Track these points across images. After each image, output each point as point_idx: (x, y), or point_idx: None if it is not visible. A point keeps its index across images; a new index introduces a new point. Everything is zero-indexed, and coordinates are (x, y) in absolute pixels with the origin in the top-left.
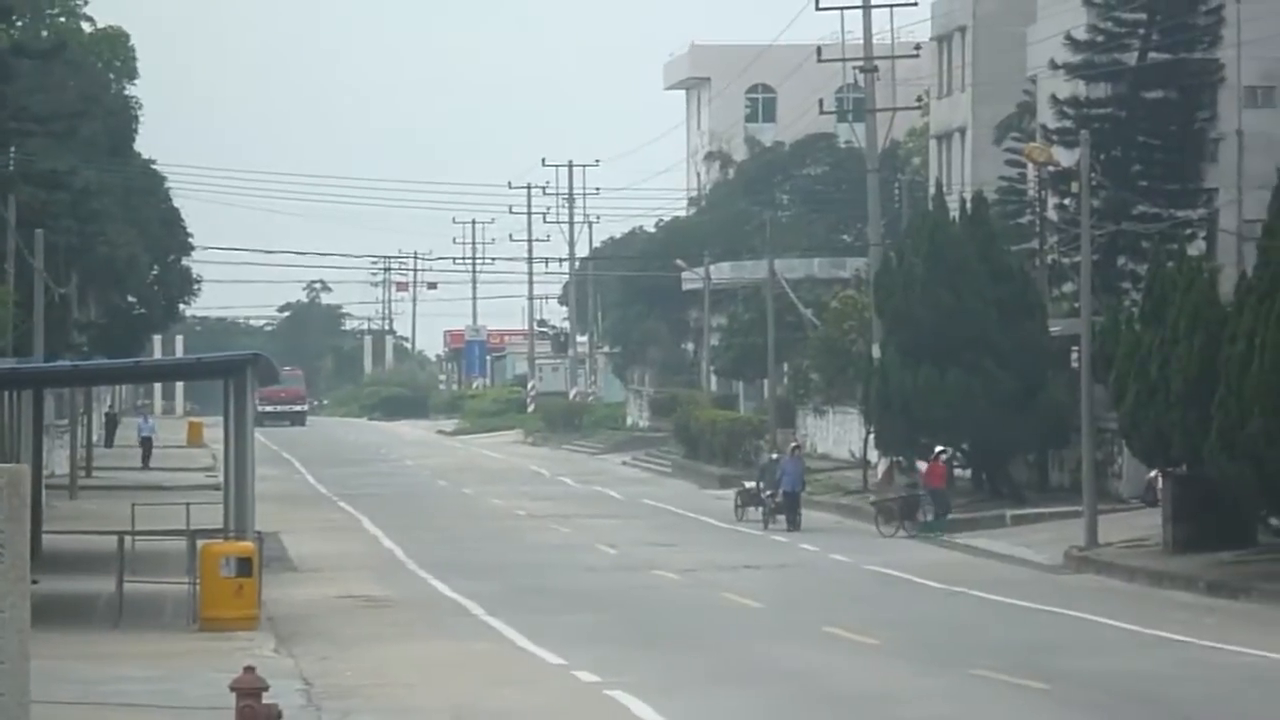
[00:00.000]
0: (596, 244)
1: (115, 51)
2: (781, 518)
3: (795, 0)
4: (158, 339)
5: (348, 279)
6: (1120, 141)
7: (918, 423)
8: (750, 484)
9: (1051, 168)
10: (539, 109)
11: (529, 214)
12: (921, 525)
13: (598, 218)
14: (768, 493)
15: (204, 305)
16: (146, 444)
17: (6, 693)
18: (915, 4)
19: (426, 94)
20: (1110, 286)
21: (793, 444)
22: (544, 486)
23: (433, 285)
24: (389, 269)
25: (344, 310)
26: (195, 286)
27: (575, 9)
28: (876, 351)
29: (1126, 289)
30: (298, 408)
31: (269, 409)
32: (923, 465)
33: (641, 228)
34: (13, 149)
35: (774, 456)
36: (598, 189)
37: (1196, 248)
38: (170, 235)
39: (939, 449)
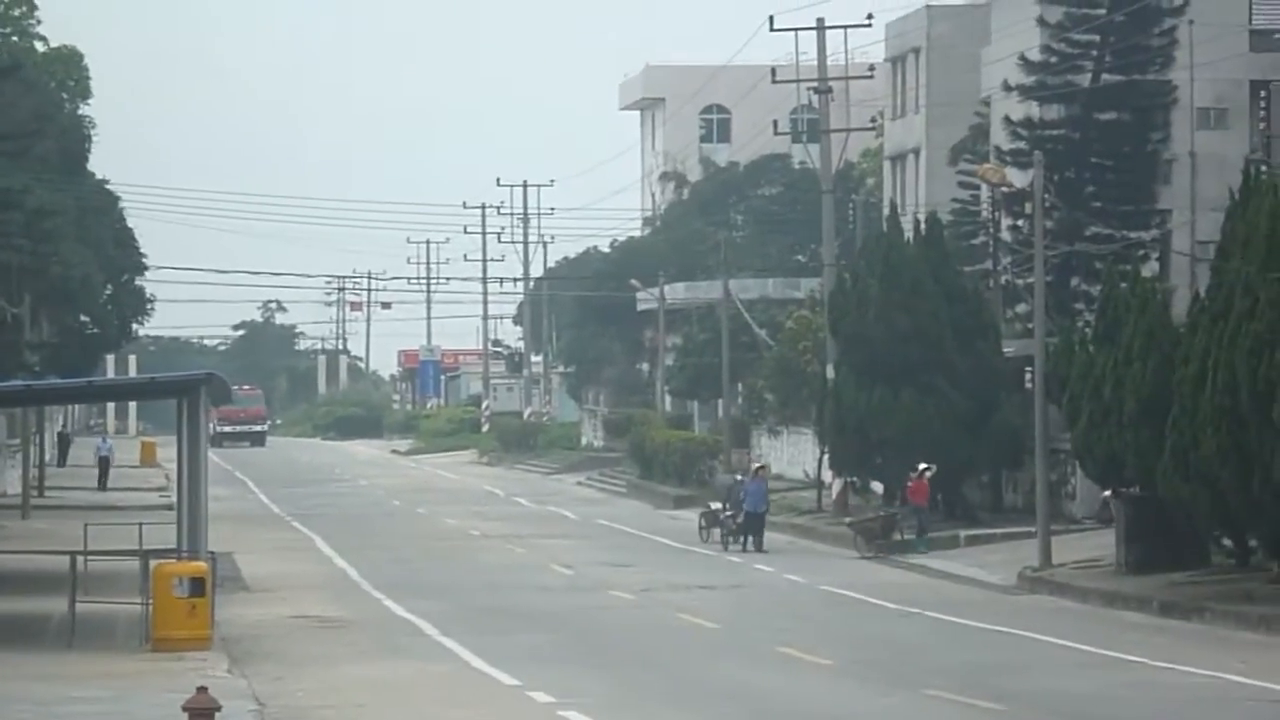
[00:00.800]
0: (551, 264)
1: (69, 71)
2: (744, 539)
3: (750, 21)
4: (111, 359)
5: (302, 299)
6: (1074, 163)
7: (872, 443)
8: (715, 505)
9: (1005, 189)
10: (493, 129)
11: (483, 234)
12: (902, 544)
13: (552, 238)
14: (729, 513)
15: (158, 325)
16: (104, 464)
17: None
18: (870, 25)
19: (381, 114)
20: (1064, 308)
21: (756, 465)
22: (498, 506)
23: (387, 305)
24: (343, 289)
25: (298, 330)
26: (149, 306)
27: (529, 30)
28: (831, 372)
29: (1080, 310)
30: (257, 428)
31: (228, 429)
32: (878, 486)
33: (596, 248)
34: None
35: (738, 477)
36: (552, 209)
37: (1150, 269)
38: (124, 255)
39: (923, 466)
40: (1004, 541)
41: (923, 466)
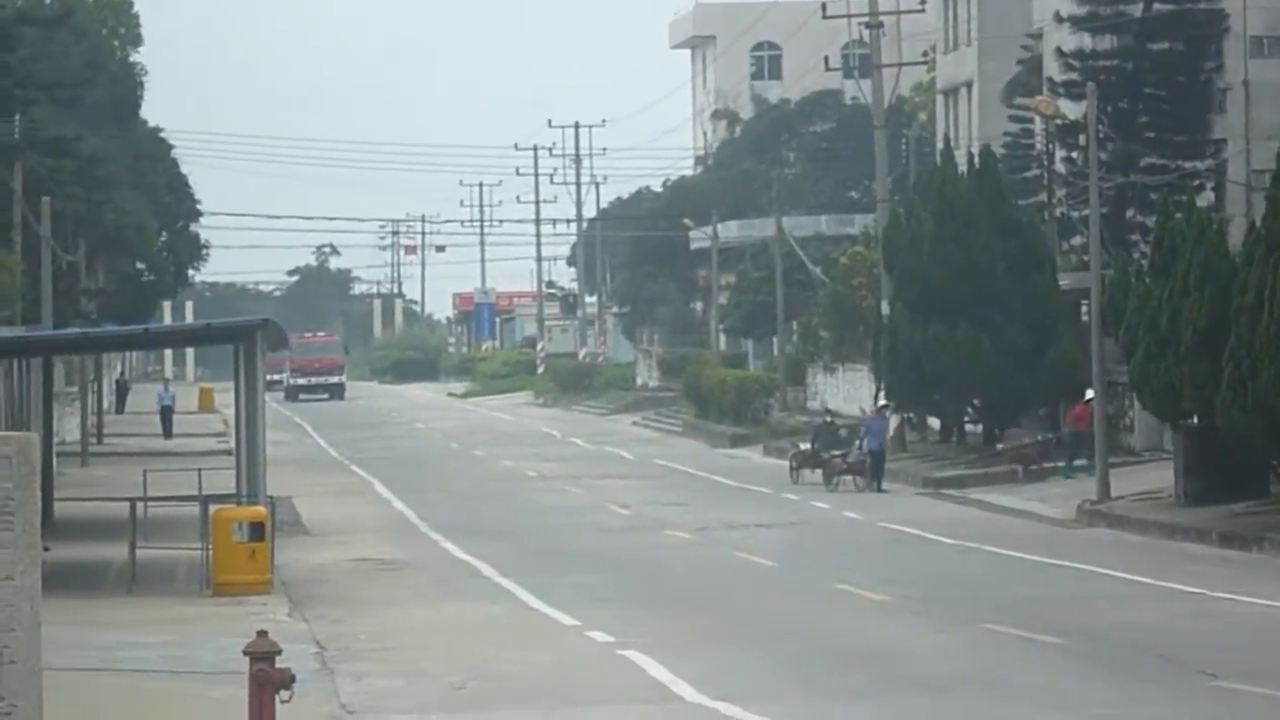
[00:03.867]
0: (604, 204)
1: (119, 18)
2: (849, 478)
3: None
4: (167, 305)
5: (356, 243)
6: (1127, 93)
7: (927, 378)
8: (805, 445)
9: (1058, 121)
10: (544, 70)
11: (536, 175)
12: (1065, 469)
13: (605, 178)
14: (837, 453)
15: (213, 271)
16: (167, 413)
17: (19, 660)
18: None
19: (431, 56)
20: (1119, 239)
21: (880, 403)
22: (555, 448)
23: (441, 248)
24: (397, 232)
25: (353, 274)
26: (204, 252)
27: None
28: (886, 308)
29: (1135, 241)
30: (334, 379)
31: (302, 381)
32: (935, 421)
33: (649, 187)
34: (18, 117)
35: (828, 419)
36: (604, 149)
37: (1205, 199)
38: (178, 201)
39: (1090, 393)
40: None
41: (1090, 394)
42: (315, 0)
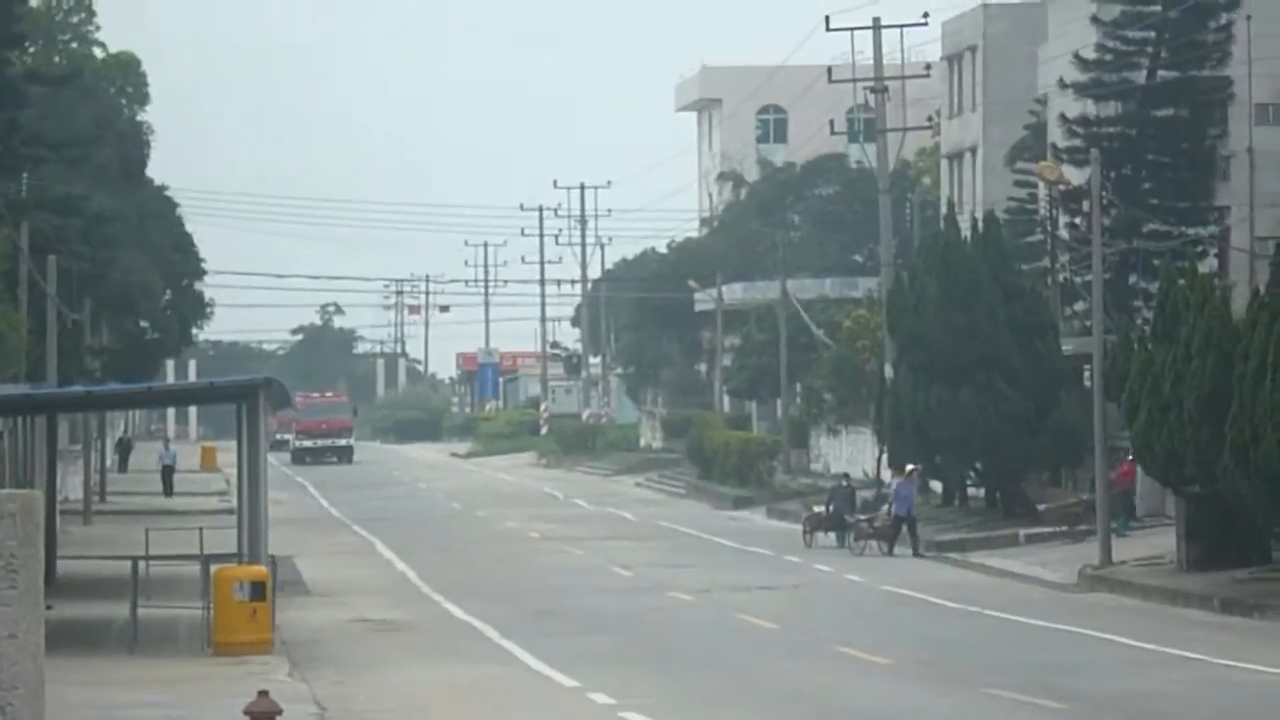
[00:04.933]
0: (609, 265)
1: (127, 77)
2: (873, 543)
3: (806, 21)
4: (171, 364)
5: (360, 302)
6: (1130, 160)
7: (930, 442)
8: (819, 508)
9: (1062, 186)
10: (550, 131)
11: (541, 236)
12: (1120, 527)
13: (610, 239)
14: (862, 517)
15: (217, 329)
16: (168, 472)
17: (22, 718)
18: (926, 24)
19: (437, 116)
20: (1122, 305)
21: (910, 467)
22: (557, 509)
23: (445, 308)
24: (401, 292)
25: (357, 333)
26: (208, 311)
27: (586, 31)
28: (889, 371)
29: (1138, 307)
30: (343, 441)
31: (308, 444)
32: (937, 485)
33: (654, 249)
34: (25, 175)
35: (844, 482)
36: (609, 210)
37: (1208, 265)
38: (183, 260)
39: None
40: (1064, 539)
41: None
42: (321, 62)
